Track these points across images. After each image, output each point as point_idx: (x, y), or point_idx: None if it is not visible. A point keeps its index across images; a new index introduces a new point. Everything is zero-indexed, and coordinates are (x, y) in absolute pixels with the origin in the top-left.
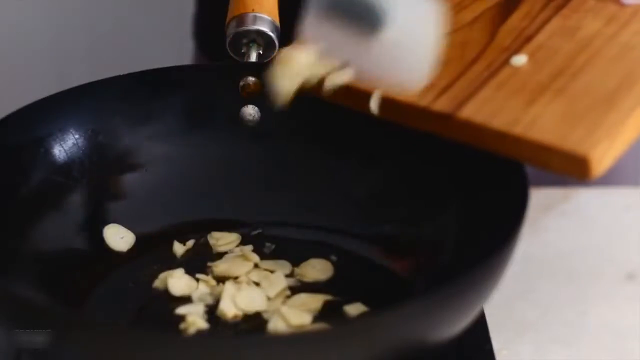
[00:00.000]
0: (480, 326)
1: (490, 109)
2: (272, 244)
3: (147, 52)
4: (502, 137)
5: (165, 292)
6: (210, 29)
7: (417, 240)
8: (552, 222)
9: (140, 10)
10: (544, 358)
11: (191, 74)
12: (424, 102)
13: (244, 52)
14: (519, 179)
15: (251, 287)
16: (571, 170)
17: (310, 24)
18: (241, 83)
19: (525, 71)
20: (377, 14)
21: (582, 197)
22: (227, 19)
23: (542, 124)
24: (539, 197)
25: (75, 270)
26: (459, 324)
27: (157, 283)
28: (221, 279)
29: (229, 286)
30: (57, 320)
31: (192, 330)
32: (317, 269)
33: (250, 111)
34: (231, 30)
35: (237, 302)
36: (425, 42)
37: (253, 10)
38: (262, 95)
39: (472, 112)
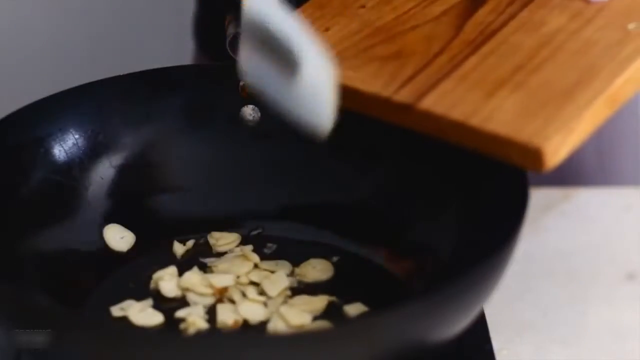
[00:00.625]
0: (480, 326)
1: (450, 101)
2: (273, 245)
3: (147, 52)
4: (460, 128)
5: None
6: (210, 29)
7: (418, 240)
8: (552, 222)
9: (141, 11)
10: (544, 358)
11: (191, 74)
12: (386, 93)
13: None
14: (519, 179)
15: (249, 301)
16: (526, 162)
17: (245, 53)
18: (241, 83)
19: (487, 65)
20: (295, 56)
21: (582, 197)
22: (227, 19)
23: (499, 116)
24: (539, 197)
25: (75, 270)
26: (459, 324)
27: (152, 284)
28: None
29: (223, 307)
30: (57, 320)
31: (192, 330)
32: (317, 270)
33: (250, 111)
34: (231, 30)
35: (237, 311)
36: (329, 90)
37: None
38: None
39: (432, 103)
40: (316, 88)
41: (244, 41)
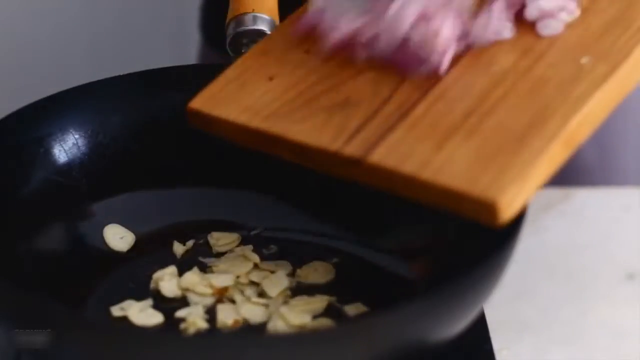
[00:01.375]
0: (480, 326)
1: (400, 153)
2: (273, 246)
3: (147, 52)
4: (411, 182)
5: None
6: (217, 22)
7: (418, 240)
8: (552, 222)
9: (141, 11)
10: (544, 358)
11: (191, 74)
12: (334, 147)
13: (244, 52)
14: None
15: (248, 303)
16: (481, 215)
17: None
18: None
19: (437, 111)
20: None
21: (582, 197)
22: (227, 19)
23: (451, 167)
24: (539, 197)
25: (75, 270)
26: (459, 324)
27: (152, 284)
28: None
29: (223, 307)
30: (57, 320)
31: (192, 330)
32: (318, 272)
33: None
34: (231, 30)
35: (237, 311)
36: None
37: (253, 10)
38: None
39: (382, 156)
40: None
41: None
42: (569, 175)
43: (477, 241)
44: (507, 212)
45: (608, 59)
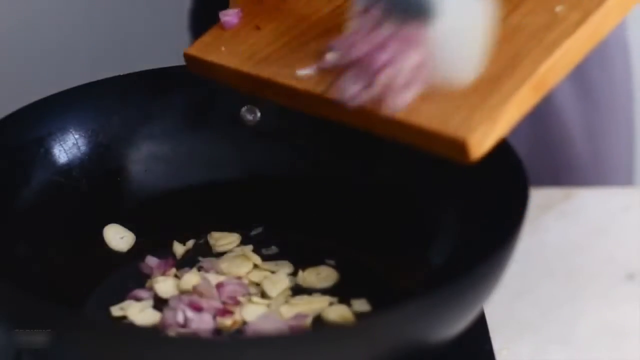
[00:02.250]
0: (480, 326)
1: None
2: (273, 246)
3: (147, 52)
4: (388, 122)
5: None
6: (205, 23)
7: (418, 240)
8: (552, 222)
9: (141, 11)
10: (544, 358)
11: (191, 74)
12: (318, 89)
13: None
14: (519, 179)
15: (249, 303)
16: (452, 153)
17: (359, 16)
18: None
19: None
20: (426, 5)
21: (582, 197)
22: None
23: (425, 108)
24: (539, 197)
25: (75, 270)
26: (459, 324)
27: (152, 284)
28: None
29: None
30: (57, 320)
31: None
32: (321, 276)
33: (250, 111)
34: None
35: (237, 311)
36: (474, 33)
37: None
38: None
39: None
40: (456, 34)
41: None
42: (563, 173)
43: (477, 241)
44: (477, 150)
45: (581, 8)
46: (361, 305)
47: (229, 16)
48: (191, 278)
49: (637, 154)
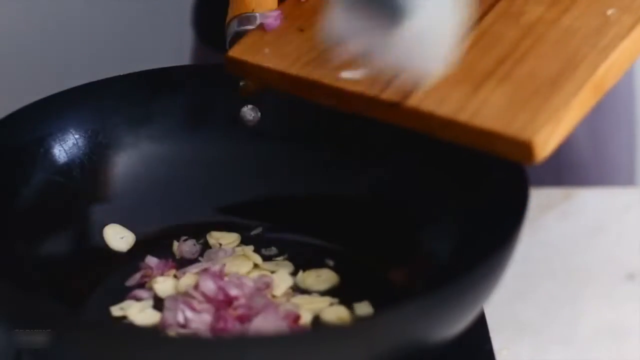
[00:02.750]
0: (480, 326)
1: (437, 97)
2: (273, 247)
3: (147, 52)
4: (449, 124)
5: None
6: (209, 18)
7: (418, 240)
8: (552, 222)
9: (141, 11)
10: (544, 358)
11: (191, 74)
12: (372, 92)
13: None
14: (519, 179)
15: None
16: (516, 155)
17: (333, 15)
18: (241, 83)
19: (470, 58)
20: (400, 3)
21: (582, 197)
22: (227, 19)
23: (487, 110)
24: (539, 197)
25: (75, 270)
26: (459, 324)
27: (152, 284)
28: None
29: None
30: (57, 320)
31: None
32: (321, 279)
33: (250, 111)
34: (231, 30)
35: None
36: (446, 30)
37: (253, 10)
38: (262, 95)
39: (419, 100)
40: (428, 31)
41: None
42: (565, 172)
43: (477, 241)
44: (542, 151)
45: (632, 11)
46: (364, 308)
47: (270, 18)
48: (191, 278)
49: (638, 153)
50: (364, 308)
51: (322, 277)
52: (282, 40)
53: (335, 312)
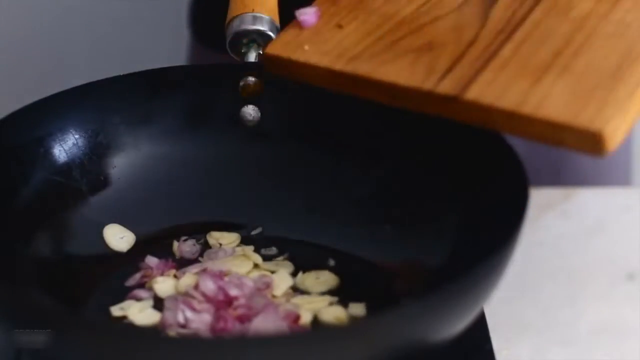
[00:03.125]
0: (480, 326)
1: (496, 90)
2: (273, 247)
3: (147, 52)
4: (512, 117)
5: None
6: (205, 17)
7: (418, 240)
8: (552, 222)
9: (140, 11)
10: (544, 358)
11: (191, 74)
12: (428, 85)
13: (244, 52)
14: (519, 179)
15: None
16: (585, 146)
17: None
18: (241, 83)
19: (524, 52)
20: None
21: (582, 197)
22: (227, 19)
23: (551, 102)
24: (539, 197)
25: (75, 270)
26: (459, 324)
27: (151, 284)
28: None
29: None
30: (57, 320)
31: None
32: (320, 280)
33: (250, 111)
34: (231, 30)
35: None
36: None
37: (253, 10)
38: (262, 95)
39: (478, 93)
40: None
41: None
42: (563, 171)
43: (477, 241)
44: (612, 142)
45: None
46: (357, 308)
47: (308, 15)
48: (191, 278)
49: (634, 150)
50: (357, 309)
51: (321, 279)
52: (321, 37)
53: (333, 313)
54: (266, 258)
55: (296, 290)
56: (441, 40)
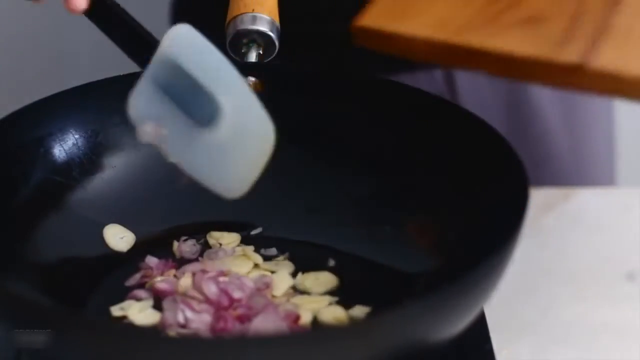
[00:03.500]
0: (480, 326)
1: (620, 57)
2: (273, 247)
3: None
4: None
5: None
6: (186, 16)
7: (418, 240)
8: (552, 222)
9: (141, 11)
10: (544, 358)
11: None
12: (550, 55)
13: (244, 52)
14: (519, 179)
15: None
16: None
17: (140, 100)
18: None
19: (636, 22)
20: (212, 106)
21: (582, 197)
22: (227, 19)
23: None
24: (539, 197)
25: (75, 270)
26: (459, 324)
27: (152, 284)
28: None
29: None
30: (57, 320)
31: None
32: (319, 281)
33: None
34: (231, 30)
35: None
36: (254, 150)
37: (253, 10)
38: (262, 95)
39: (602, 61)
40: (236, 145)
41: (147, 77)
42: (542, 167)
43: (477, 241)
44: None
45: None
46: (360, 311)
47: None
48: (191, 278)
49: (617, 147)
50: (360, 311)
51: (321, 280)
52: (415, 9)
53: (333, 313)
54: (266, 258)
55: (296, 290)
56: (543, 13)
